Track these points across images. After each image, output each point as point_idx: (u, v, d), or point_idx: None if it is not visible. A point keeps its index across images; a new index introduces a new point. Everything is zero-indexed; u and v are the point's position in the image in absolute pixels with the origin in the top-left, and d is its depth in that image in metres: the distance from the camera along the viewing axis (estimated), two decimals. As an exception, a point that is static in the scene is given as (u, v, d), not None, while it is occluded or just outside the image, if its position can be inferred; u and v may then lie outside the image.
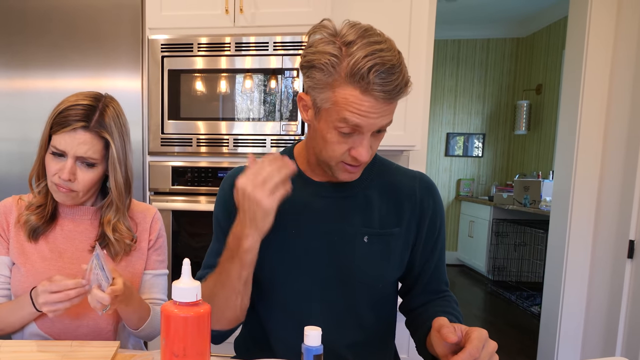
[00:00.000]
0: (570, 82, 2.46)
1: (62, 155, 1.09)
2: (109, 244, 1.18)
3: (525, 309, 4.01)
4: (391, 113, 0.89)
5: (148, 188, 2.14)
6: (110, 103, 1.13)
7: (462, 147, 5.65)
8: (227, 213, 1.07)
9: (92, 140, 1.08)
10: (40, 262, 1.16)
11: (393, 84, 0.83)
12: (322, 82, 0.88)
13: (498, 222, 4.76)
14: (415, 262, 1.07)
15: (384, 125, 0.90)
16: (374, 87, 0.83)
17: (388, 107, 0.87)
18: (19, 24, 2.16)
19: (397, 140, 2.11)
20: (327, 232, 1.03)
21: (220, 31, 2.05)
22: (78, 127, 1.06)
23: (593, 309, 2.41)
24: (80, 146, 1.07)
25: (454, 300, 1.09)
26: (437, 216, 1.07)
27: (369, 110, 0.85)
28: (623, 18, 2.24)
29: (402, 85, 0.85)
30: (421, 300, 1.09)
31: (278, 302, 1.07)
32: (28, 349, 1.03)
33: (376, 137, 0.93)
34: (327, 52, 0.86)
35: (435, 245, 1.07)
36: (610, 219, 2.31)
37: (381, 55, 0.82)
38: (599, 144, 2.35)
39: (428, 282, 1.09)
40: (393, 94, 0.85)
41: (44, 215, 1.17)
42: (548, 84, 4.96)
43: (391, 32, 0.89)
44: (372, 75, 0.82)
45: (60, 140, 1.07)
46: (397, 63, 0.84)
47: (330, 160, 0.95)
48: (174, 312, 0.63)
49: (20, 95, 2.19)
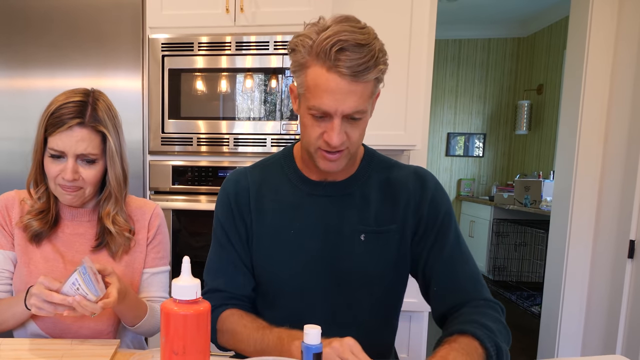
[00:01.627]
0: (571, 82, 2.46)
1: (61, 157, 1.08)
2: (109, 241, 1.18)
3: (526, 308, 4.01)
4: (361, 97, 0.89)
5: (148, 187, 2.14)
6: (100, 96, 1.13)
7: (463, 147, 5.65)
8: (230, 215, 1.08)
9: (90, 136, 1.08)
10: (43, 263, 1.16)
11: (358, 61, 0.84)
12: (298, 64, 0.92)
13: (498, 222, 4.75)
14: (420, 255, 1.04)
15: (353, 109, 0.89)
16: (337, 64, 0.85)
17: (356, 87, 0.87)
18: (19, 24, 2.16)
19: (398, 140, 2.11)
20: (324, 230, 1.03)
21: (221, 30, 2.05)
22: (74, 125, 1.06)
23: (593, 309, 2.41)
24: (79, 144, 1.07)
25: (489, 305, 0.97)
26: (435, 206, 1.03)
27: (334, 89, 0.87)
28: (624, 18, 2.24)
29: (370, 65, 0.85)
30: (447, 304, 1.00)
31: (276, 300, 1.07)
32: (28, 347, 1.03)
33: (352, 125, 0.93)
34: (305, 35, 0.89)
35: (438, 236, 1.02)
36: (610, 219, 2.31)
37: (347, 35, 0.84)
38: (600, 144, 2.35)
39: (444, 279, 1.01)
40: (357, 71, 0.85)
41: (47, 221, 1.17)
42: (549, 84, 4.95)
43: (392, 32, 0.90)
44: (334, 52, 0.84)
45: (58, 141, 1.06)
46: (365, 43, 0.85)
47: (309, 147, 0.96)
48: (173, 309, 0.63)
49: (21, 94, 2.19)
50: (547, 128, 4.97)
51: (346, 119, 0.91)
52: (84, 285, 0.94)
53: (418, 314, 2.01)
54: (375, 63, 0.86)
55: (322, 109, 0.89)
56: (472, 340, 0.86)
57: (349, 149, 0.96)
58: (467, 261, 1.02)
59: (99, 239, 1.19)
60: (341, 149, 0.94)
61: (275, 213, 1.06)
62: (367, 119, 0.95)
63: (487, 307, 0.96)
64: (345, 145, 0.94)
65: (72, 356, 0.98)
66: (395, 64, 1.97)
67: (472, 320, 0.90)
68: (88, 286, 0.94)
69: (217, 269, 1.09)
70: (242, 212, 1.07)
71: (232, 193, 1.08)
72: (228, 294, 1.06)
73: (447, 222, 1.03)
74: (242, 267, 1.07)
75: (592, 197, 2.37)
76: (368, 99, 0.91)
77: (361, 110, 0.90)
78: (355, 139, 0.95)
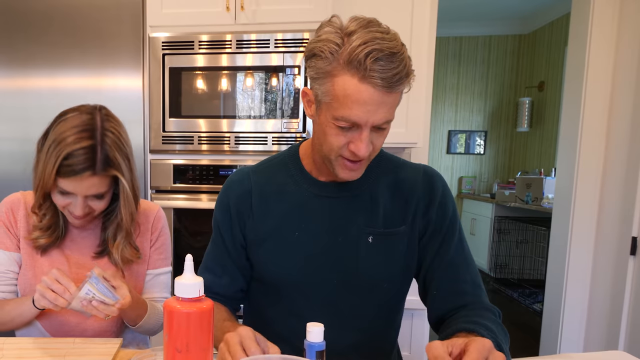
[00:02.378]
0: (572, 79, 2.45)
1: (70, 194, 1.07)
2: (111, 254, 1.19)
3: (528, 306, 4.01)
4: (392, 107, 0.87)
5: (149, 186, 2.14)
6: (108, 127, 1.05)
7: (464, 144, 5.64)
8: (227, 217, 1.07)
9: (101, 181, 1.05)
10: (48, 266, 1.17)
11: (392, 71, 0.81)
12: (323, 71, 0.87)
13: (500, 220, 4.75)
14: (424, 258, 1.03)
15: (383, 120, 0.87)
16: (372, 74, 0.81)
17: (387, 98, 0.84)
18: (20, 23, 2.16)
19: (399, 137, 2.10)
20: (331, 232, 1.02)
21: (221, 29, 2.05)
22: (86, 175, 1.02)
23: (595, 306, 2.41)
24: (90, 189, 1.05)
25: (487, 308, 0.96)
26: (444, 206, 1.01)
27: (367, 100, 0.83)
28: (626, 14, 2.23)
29: (403, 75, 0.83)
30: (445, 307, 0.99)
31: (281, 301, 1.07)
32: (31, 346, 1.03)
33: (378, 134, 0.91)
34: (329, 40, 0.85)
35: (444, 240, 1.01)
36: (612, 216, 2.30)
37: (380, 43, 0.81)
38: (602, 140, 2.34)
39: (445, 283, 1.00)
40: (392, 82, 0.82)
41: (57, 237, 1.17)
42: (550, 81, 4.95)
43: (393, 29, 0.89)
44: (370, 61, 0.81)
45: (68, 185, 1.04)
46: (398, 52, 0.82)
47: (330, 154, 0.93)
48: (176, 307, 0.63)
49: (22, 94, 2.19)
50: (548, 125, 4.96)
51: (374, 129, 0.89)
52: (99, 293, 0.97)
53: (420, 312, 2.01)
54: (407, 73, 0.84)
55: (351, 119, 0.86)
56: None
57: (370, 156, 0.94)
58: (469, 265, 1.01)
59: (102, 247, 1.20)
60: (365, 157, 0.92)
61: (280, 214, 1.04)
62: (389, 127, 0.93)
63: (485, 310, 0.95)
64: (369, 154, 0.92)
65: (75, 355, 0.98)
66: (396, 61, 1.99)
67: (474, 321, 0.89)
68: (104, 294, 0.98)
69: (206, 265, 1.11)
70: (242, 215, 1.06)
71: (232, 195, 1.07)
72: (208, 290, 1.07)
73: (452, 226, 1.02)
74: (231, 269, 1.08)
75: (594, 194, 2.37)
76: (396, 107, 0.89)
77: (390, 120, 0.88)
78: (379, 147, 0.93)
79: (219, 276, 1.08)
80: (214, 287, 1.08)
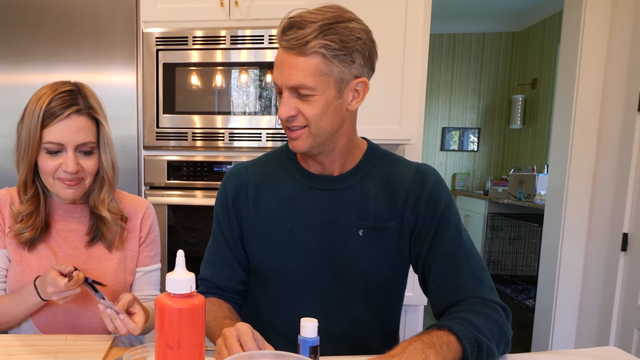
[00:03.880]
0: (565, 76, 2.46)
1: (59, 151, 1.07)
2: (104, 233, 1.17)
3: (520, 302, 4.03)
4: (302, 70, 0.91)
5: (143, 183, 2.13)
6: (84, 85, 1.14)
7: (458, 141, 5.65)
8: (225, 210, 1.09)
9: (87, 124, 1.08)
10: (35, 261, 1.16)
11: (294, 34, 0.90)
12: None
13: (493, 216, 4.76)
14: (419, 253, 1.02)
15: (296, 82, 0.92)
16: (282, 39, 0.93)
17: (295, 60, 0.91)
18: (15, 18, 2.14)
19: (393, 133, 2.11)
20: (321, 224, 1.03)
21: (216, 24, 2.04)
22: (72, 113, 1.06)
23: (587, 301, 2.43)
24: (79, 134, 1.06)
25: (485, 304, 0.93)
26: (434, 202, 1.01)
27: (279, 62, 0.94)
28: (618, 12, 2.24)
29: (306, 38, 0.89)
30: (444, 303, 0.98)
31: (273, 293, 1.08)
32: (22, 343, 1.03)
33: (303, 102, 0.94)
34: None
35: (436, 233, 0.99)
36: (604, 212, 2.32)
37: (293, 15, 0.92)
38: (594, 138, 2.36)
39: (441, 277, 0.98)
40: (294, 45, 0.90)
41: (36, 226, 1.15)
42: (543, 78, 4.96)
43: (387, 26, 0.90)
44: (280, 31, 0.93)
45: (56, 132, 1.05)
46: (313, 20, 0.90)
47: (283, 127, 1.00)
48: (167, 303, 0.63)
49: (16, 89, 2.17)
50: (541, 122, 4.98)
51: (295, 95, 0.94)
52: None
53: (413, 308, 2.02)
54: (316, 37, 0.89)
55: (274, 82, 0.97)
56: (447, 334, 0.81)
57: (308, 128, 0.96)
58: (467, 259, 0.98)
59: (93, 233, 1.18)
60: (296, 124, 0.96)
61: (273, 205, 1.06)
62: (324, 99, 0.94)
63: (483, 306, 0.92)
64: (300, 122, 0.96)
65: (67, 352, 0.98)
66: (390, 58, 1.99)
67: (457, 317, 0.88)
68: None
69: (208, 259, 1.13)
70: (239, 207, 1.08)
71: (230, 188, 1.10)
72: (212, 284, 1.11)
73: (445, 219, 1.00)
74: (231, 260, 1.10)
75: (585, 191, 2.39)
76: (313, 75, 0.91)
77: (305, 85, 0.92)
78: (311, 116, 0.95)
79: (219, 268, 1.11)
80: (216, 280, 1.10)
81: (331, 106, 0.95)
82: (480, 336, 0.82)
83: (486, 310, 0.91)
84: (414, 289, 1.11)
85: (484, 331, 0.84)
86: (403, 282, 1.11)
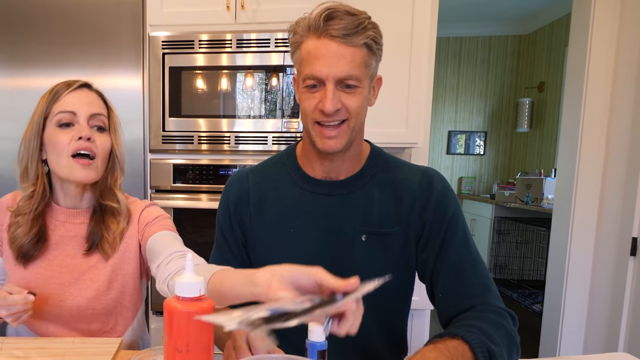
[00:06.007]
0: (573, 80, 2.45)
1: (71, 124, 1.06)
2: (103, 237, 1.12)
3: (527, 307, 4.00)
4: (352, 61, 0.90)
5: (149, 186, 2.14)
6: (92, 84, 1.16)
7: (464, 145, 5.64)
8: (227, 218, 1.09)
9: (98, 100, 1.10)
10: (31, 272, 1.13)
11: (343, 23, 0.88)
12: (293, 44, 0.96)
13: (500, 220, 4.74)
14: (427, 261, 1.00)
15: (345, 73, 0.89)
16: (326, 29, 0.89)
17: (345, 50, 0.89)
18: (20, 23, 2.15)
19: (399, 137, 2.10)
20: (325, 229, 1.02)
21: (221, 28, 2.04)
22: (83, 86, 1.09)
23: (595, 307, 2.40)
24: (91, 105, 1.08)
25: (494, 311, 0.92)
26: (442, 209, 0.99)
27: (325, 53, 0.89)
28: (626, 15, 2.23)
29: (359, 30, 0.88)
30: (451, 311, 0.97)
31: None
32: (30, 345, 1.03)
33: (347, 93, 0.92)
34: (302, 18, 0.95)
35: (444, 241, 0.98)
36: (613, 217, 2.30)
37: (332, 7, 0.90)
38: (602, 141, 2.34)
39: (448, 285, 0.97)
40: (345, 34, 0.88)
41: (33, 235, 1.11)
42: (550, 82, 4.94)
43: (393, 29, 0.90)
44: (322, 20, 0.89)
45: (68, 102, 1.06)
46: (355, 13, 0.90)
47: (307, 123, 0.97)
48: (177, 307, 0.62)
49: (22, 93, 2.19)
50: (548, 126, 4.96)
51: (340, 87, 0.91)
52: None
53: (420, 312, 2.01)
54: (364, 29, 0.89)
55: (314, 74, 0.90)
56: (461, 343, 0.81)
57: (348, 122, 0.94)
58: (475, 267, 0.97)
59: (92, 238, 1.13)
60: (337, 119, 0.93)
61: (276, 211, 1.05)
62: (365, 92, 0.94)
63: (491, 313, 0.91)
64: (342, 115, 0.93)
65: (75, 355, 0.98)
66: (397, 61, 1.99)
67: (467, 324, 0.87)
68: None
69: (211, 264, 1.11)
70: (241, 215, 1.08)
71: (232, 195, 1.09)
72: None
73: (453, 226, 0.99)
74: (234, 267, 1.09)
75: (594, 195, 2.37)
76: (360, 66, 0.91)
77: (354, 76, 0.90)
78: (353, 109, 0.93)
79: None
80: None
81: (365, 100, 0.95)
82: (492, 345, 0.82)
83: (495, 317, 0.90)
84: (421, 292, 1.10)
85: (495, 339, 0.84)
86: (409, 287, 1.09)
